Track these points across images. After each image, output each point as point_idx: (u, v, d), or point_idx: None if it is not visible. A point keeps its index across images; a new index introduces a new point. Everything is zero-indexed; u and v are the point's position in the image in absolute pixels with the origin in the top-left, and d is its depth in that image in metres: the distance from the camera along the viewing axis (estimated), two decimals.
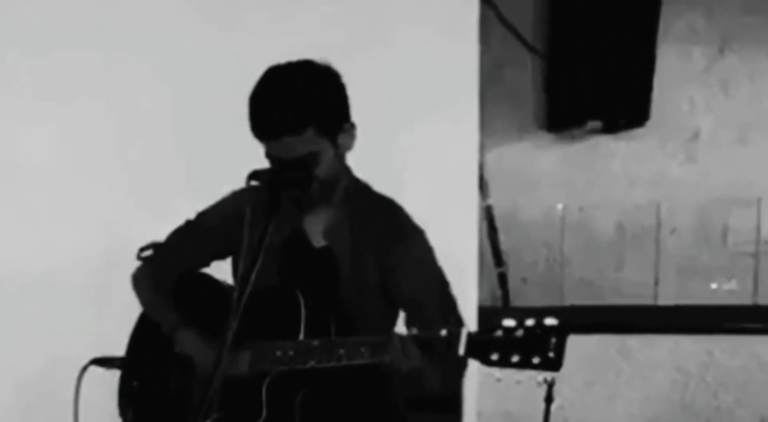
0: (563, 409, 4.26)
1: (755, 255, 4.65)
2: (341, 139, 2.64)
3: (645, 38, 4.52)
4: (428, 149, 4.18)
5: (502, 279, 4.64)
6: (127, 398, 2.89)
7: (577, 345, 4.28)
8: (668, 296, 4.68)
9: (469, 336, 2.28)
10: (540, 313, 2.28)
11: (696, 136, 4.70)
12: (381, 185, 2.82)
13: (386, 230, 2.68)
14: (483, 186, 4.56)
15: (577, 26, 4.53)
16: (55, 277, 4.01)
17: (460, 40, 4.24)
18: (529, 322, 2.24)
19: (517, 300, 4.64)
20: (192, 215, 2.93)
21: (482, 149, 4.47)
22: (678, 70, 4.65)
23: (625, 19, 4.48)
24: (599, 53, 4.48)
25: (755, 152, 4.64)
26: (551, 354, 2.20)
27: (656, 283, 4.69)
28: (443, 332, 2.31)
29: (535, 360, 2.20)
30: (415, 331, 2.40)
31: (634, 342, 4.60)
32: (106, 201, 4.04)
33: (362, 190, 2.76)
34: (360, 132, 2.72)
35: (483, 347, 2.25)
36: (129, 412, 2.87)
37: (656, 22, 4.52)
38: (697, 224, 4.70)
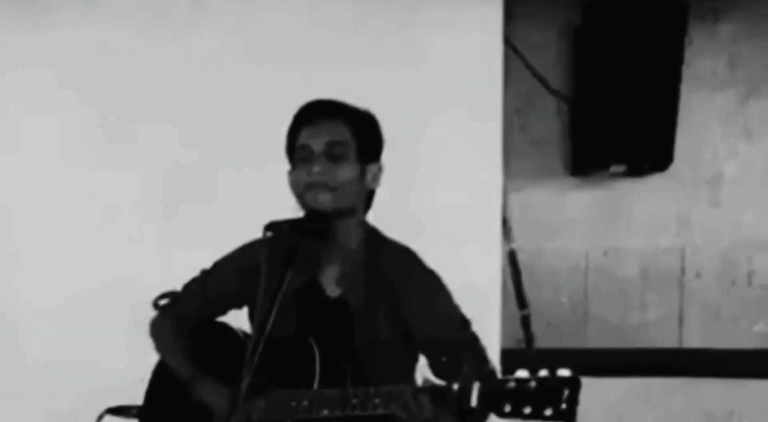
0: None
1: None
2: (368, 171, 2.71)
3: (669, 83, 4.53)
4: (452, 192, 4.23)
5: (526, 322, 4.64)
6: None
7: (601, 389, 4.30)
8: (693, 340, 4.67)
9: (482, 387, 2.28)
10: (562, 356, 2.29)
11: (719, 179, 4.70)
12: (405, 228, 2.81)
13: (401, 276, 2.69)
14: (507, 230, 4.58)
15: (601, 71, 4.55)
16: (87, 318, 4.11)
17: (485, 84, 4.29)
18: (543, 373, 2.23)
19: (540, 343, 4.64)
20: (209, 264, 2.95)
21: (506, 192, 4.50)
22: (702, 115, 4.66)
23: (649, 64, 4.49)
24: (623, 97, 4.50)
25: None
26: (564, 406, 2.19)
27: (681, 327, 4.68)
28: (455, 385, 2.32)
29: (548, 412, 2.19)
30: (427, 383, 2.42)
31: (659, 386, 4.59)
32: (139, 245, 4.15)
33: (377, 237, 2.78)
34: (384, 177, 2.76)
35: (496, 398, 2.24)
36: None
37: (680, 67, 4.54)
38: (721, 267, 4.70)
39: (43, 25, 4.21)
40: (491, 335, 4.08)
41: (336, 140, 2.66)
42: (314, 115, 2.70)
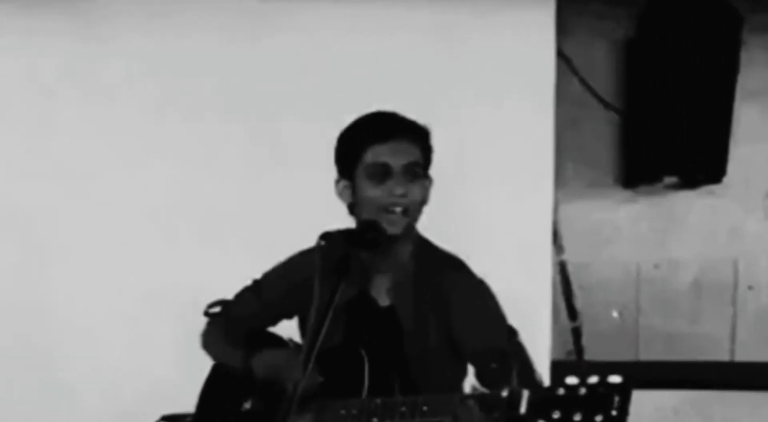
0: None
1: None
2: (429, 186, 2.73)
3: (723, 94, 4.49)
4: (503, 203, 4.24)
5: (576, 334, 4.63)
6: None
7: (652, 401, 4.27)
8: (746, 353, 4.63)
9: (531, 394, 2.28)
10: (613, 368, 2.28)
11: None
12: (456, 240, 2.84)
13: (450, 286, 2.70)
14: (557, 241, 4.58)
15: (653, 81, 4.51)
16: (132, 330, 4.16)
17: (537, 95, 4.30)
18: (593, 380, 2.22)
19: (591, 355, 4.62)
20: (259, 273, 2.95)
21: (557, 204, 4.50)
22: (756, 126, 4.63)
23: (703, 75, 4.45)
24: (676, 108, 4.46)
25: None
26: (614, 413, 2.19)
27: (733, 339, 4.65)
28: (504, 392, 2.32)
29: (598, 419, 2.18)
30: (475, 391, 2.43)
31: (711, 399, 4.55)
32: (180, 252, 4.18)
33: (427, 247, 2.79)
34: (436, 188, 2.77)
35: (545, 405, 2.24)
36: None
37: (734, 78, 4.50)
38: None
39: (95, 37, 4.26)
40: (541, 346, 4.09)
41: (414, 160, 2.66)
42: (387, 132, 2.66)
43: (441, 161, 2.79)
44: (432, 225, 2.81)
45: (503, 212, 4.23)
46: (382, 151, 2.65)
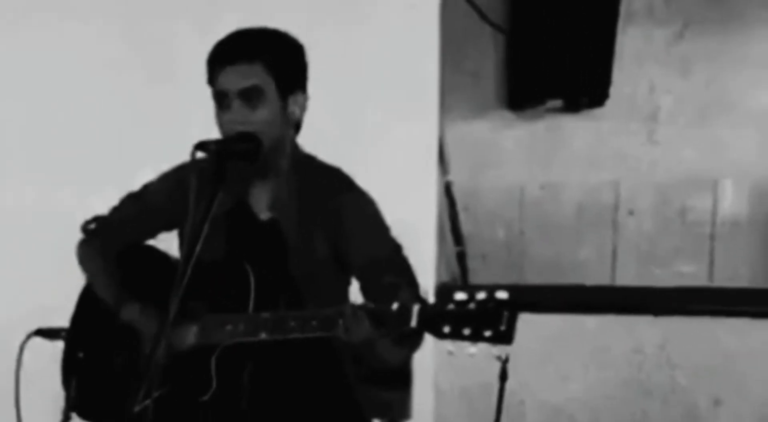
0: (519, 387, 4.24)
1: (712, 237, 4.66)
2: (292, 103, 2.63)
3: (606, 18, 4.52)
4: (387, 124, 4.17)
5: (461, 257, 4.63)
6: (71, 370, 2.86)
7: (534, 324, 4.29)
8: (626, 278, 4.68)
9: (422, 308, 2.26)
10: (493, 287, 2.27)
11: (655, 116, 4.70)
12: (338, 160, 2.78)
13: (334, 199, 2.66)
14: (443, 162, 4.55)
15: (538, 4, 4.52)
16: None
17: (421, 15, 4.22)
18: (481, 295, 2.21)
19: (476, 278, 4.63)
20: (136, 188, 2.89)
21: (442, 125, 4.45)
22: (638, 51, 4.65)
23: None
24: (560, 32, 4.49)
25: (714, 133, 4.64)
26: (503, 327, 2.18)
27: (613, 264, 4.69)
28: (395, 305, 2.29)
29: (487, 333, 2.18)
30: (366, 303, 2.39)
31: (591, 322, 4.60)
32: (53, 173, 4.05)
33: (308, 161, 2.73)
34: (317, 107, 2.70)
35: (435, 320, 2.23)
36: (72, 384, 2.82)
37: (617, 2, 4.52)
38: (655, 204, 4.71)
39: None
40: (427, 269, 4.04)
41: (249, 85, 2.56)
42: (228, 56, 2.58)
43: (322, 80, 2.72)
44: (315, 145, 2.75)
45: (388, 132, 4.17)
46: (222, 77, 2.58)
